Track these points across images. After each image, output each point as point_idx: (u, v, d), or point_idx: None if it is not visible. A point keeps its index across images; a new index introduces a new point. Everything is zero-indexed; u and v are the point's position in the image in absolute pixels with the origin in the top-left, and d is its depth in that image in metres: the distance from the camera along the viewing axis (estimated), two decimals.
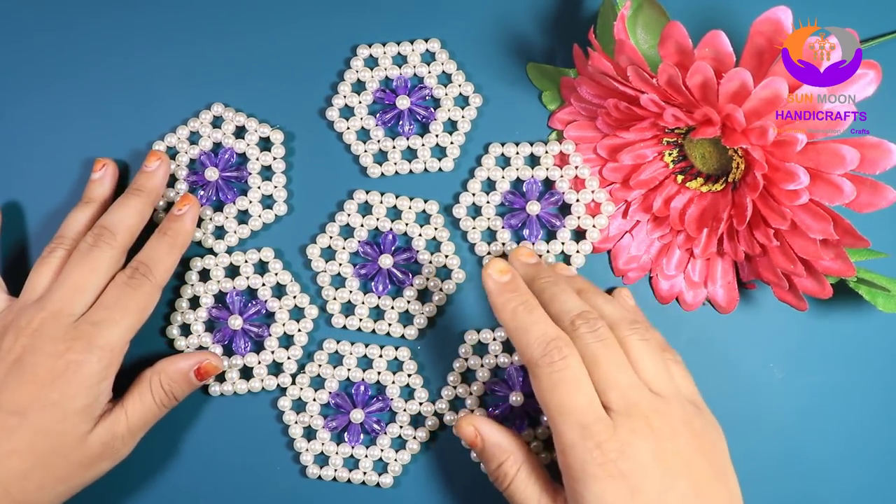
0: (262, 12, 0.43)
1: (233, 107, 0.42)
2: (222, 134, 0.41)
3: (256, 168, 0.41)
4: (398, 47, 0.42)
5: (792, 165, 0.33)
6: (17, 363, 0.35)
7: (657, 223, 0.40)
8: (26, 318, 0.36)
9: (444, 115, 0.41)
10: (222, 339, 0.40)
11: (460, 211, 0.41)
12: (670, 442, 0.32)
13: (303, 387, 0.40)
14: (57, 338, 0.35)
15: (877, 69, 0.33)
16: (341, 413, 0.40)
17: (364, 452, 0.40)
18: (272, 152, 0.41)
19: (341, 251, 0.41)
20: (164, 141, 0.41)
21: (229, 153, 0.41)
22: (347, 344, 0.40)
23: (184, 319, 0.40)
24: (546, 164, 0.41)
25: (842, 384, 0.41)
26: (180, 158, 0.41)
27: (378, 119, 0.41)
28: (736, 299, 0.40)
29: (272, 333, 0.40)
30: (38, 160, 0.42)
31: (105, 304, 0.37)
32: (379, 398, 0.40)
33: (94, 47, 0.42)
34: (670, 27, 0.33)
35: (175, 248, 0.39)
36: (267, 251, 0.41)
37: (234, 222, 0.41)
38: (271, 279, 0.41)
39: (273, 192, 0.41)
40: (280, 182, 0.41)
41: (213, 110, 0.41)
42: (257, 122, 0.41)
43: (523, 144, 0.41)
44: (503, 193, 0.41)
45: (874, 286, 0.37)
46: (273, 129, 0.41)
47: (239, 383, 0.40)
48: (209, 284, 0.41)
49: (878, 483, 0.40)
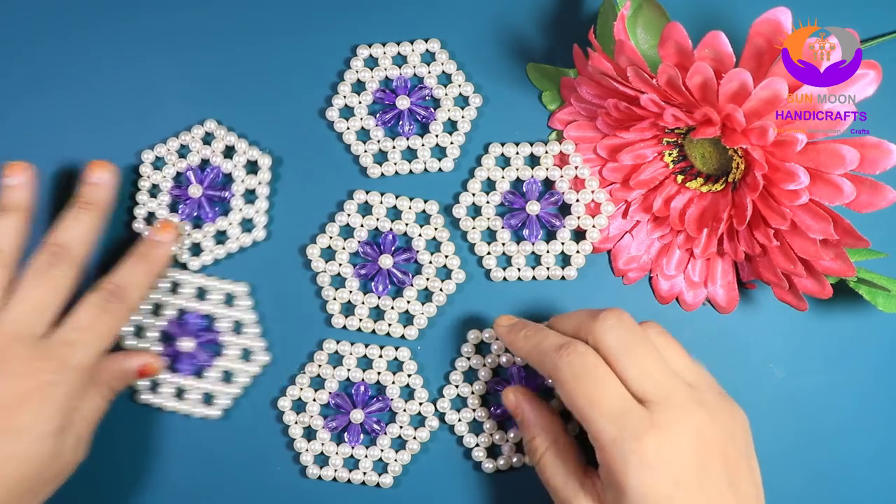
0: (263, 13, 0.43)
1: (233, 107, 0.42)
2: (211, 151, 0.41)
3: (241, 190, 0.41)
4: (398, 47, 0.42)
5: (792, 165, 0.33)
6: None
7: (657, 223, 0.40)
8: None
9: (444, 116, 0.41)
10: (168, 354, 0.40)
11: (460, 211, 0.41)
12: (707, 431, 0.32)
13: (303, 387, 0.40)
14: (24, 358, 0.34)
15: (877, 69, 0.33)
16: (341, 413, 0.40)
17: (364, 452, 0.40)
18: (258, 176, 0.41)
19: (341, 251, 0.41)
20: (154, 151, 0.41)
21: (215, 172, 0.41)
22: (347, 344, 0.40)
23: (141, 323, 0.40)
24: (546, 164, 0.41)
25: (842, 384, 0.41)
26: (167, 171, 0.41)
27: (378, 119, 0.41)
28: (736, 299, 0.40)
29: (216, 364, 0.40)
30: None
31: (79, 325, 0.36)
32: (379, 398, 0.40)
33: (94, 55, 0.42)
34: (670, 28, 0.33)
35: (152, 276, 0.39)
36: (243, 285, 0.41)
37: (212, 241, 0.41)
38: (235, 314, 0.41)
39: (254, 217, 0.41)
40: (262, 207, 0.41)
41: (206, 126, 0.41)
42: (247, 143, 0.41)
43: (523, 144, 0.41)
44: (503, 193, 0.41)
45: (874, 286, 0.37)
46: (262, 153, 0.41)
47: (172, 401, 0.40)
48: (176, 299, 0.41)
49: (879, 483, 0.40)
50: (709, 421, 0.32)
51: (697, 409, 0.32)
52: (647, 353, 0.33)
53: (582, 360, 0.33)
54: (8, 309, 0.35)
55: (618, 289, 0.41)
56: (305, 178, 0.42)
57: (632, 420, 0.31)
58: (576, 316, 0.35)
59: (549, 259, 0.41)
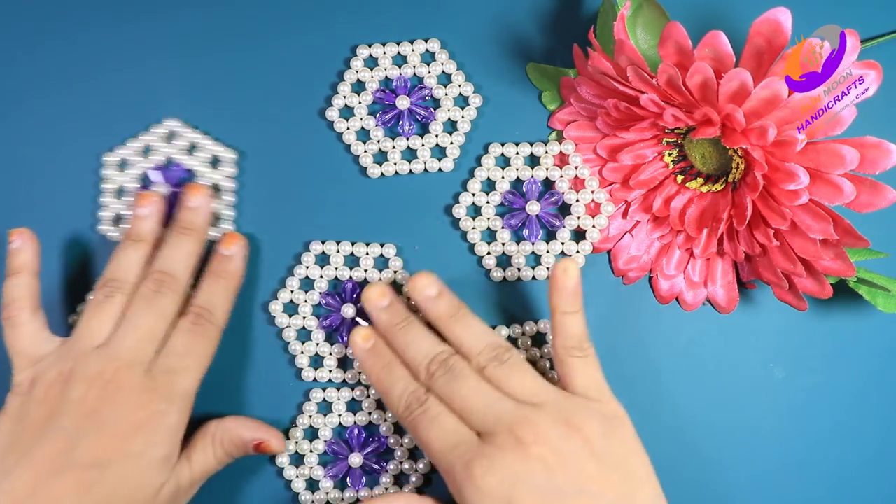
0: (263, 12, 0.43)
1: (235, 106, 0.42)
2: (176, 149, 0.41)
3: None
4: (398, 47, 0.42)
5: (792, 165, 0.33)
6: (93, 415, 0.34)
7: (657, 223, 0.40)
8: (95, 367, 0.35)
9: (443, 116, 0.41)
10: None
11: (460, 211, 0.41)
12: (542, 446, 0.33)
13: (297, 440, 0.40)
14: (135, 388, 0.35)
15: (877, 69, 0.33)
16: (340, 459, 0.40)
17: (369, 493, 0.40)
18: (220, 171, 0.41)
19: (303, 304, 0.41)
20: (118, 153, 0.41)
21: (179, 169, 0.41)
22: (334, 391, 0.40)
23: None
24: (546, 164, 0.41)
25: (842, 384, 0.41)
26: (131, 171, 0.41)
27: (378, 119, 0.41)
28: (736, 299, 0.40)
29: None
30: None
31: (176, 351, 0.36)
32: (373, 439, 0.40)
33: (96, 54, 0.42)
34: (670, 27, 0.33)
35: (231, 291, 0.39)
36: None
37: None
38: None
39: (221, 212, 0.41)
40: (228, 201, 0.41)
41: (167, 125, 0.41)
42: (212, 140, 0.41)
43: (523, 144, 0.41)
44: (503, 193, 0.41)
45: (874, 286, 0.37)
46: (226, 148, 0.41)
47: None
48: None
49: (879, 483, 0.40)
50: (541, 437, 0.33)
51: (526, 429, 0.33)
52: (469, 390, 0.34)
53: (421, 417, 0.35)
54: (121, 337, 0.36)
55: (618, 289, 0.41)
56: (305, 176, 0.42)
57: (461, 450, 0.33)
58: (419, 352, 0.36)
59: (550, 259, 0.41)
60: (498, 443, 0.33)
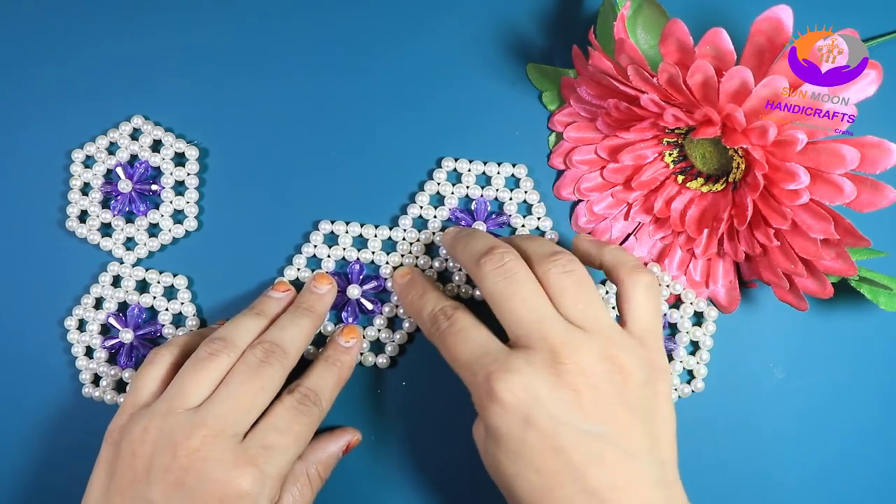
0: (263, 12, 0.43)
1: (232, 106, 0.42)
2: (139, 146, 0.41)
3: (170, 182, 0.41)
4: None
5: (792, 165, 0.33)
6: (179, 487, 0.32)
7: (659, 224, 0.40)
8: (183, 432, 0.32)
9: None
10: (111, 348, 0.41)
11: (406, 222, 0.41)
12: (578, 376, 0.31)
13: None
14: (225, 461, 0.32)
15: (877, 69, 0.33)
16: None
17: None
18: (186, 168, 0.41)
19: None
20: (84, 150, 0.41)
21: (144, 166, 0.41)
22: None
23: (83, 316, 0.41)
24: (497, 185, 0.41)
25: (843, 384, 0.41)
26: (97, 168, 0.41)
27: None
28: (737, 299, 0.40)
29: None
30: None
31: (277, 426, 0.34)
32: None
33: (91, 29, 0.42)
34: (671, 25, 0.33)
35: (341, 381, 0.38)
36: (181, 279, 0.41)
37: (146, 235, 0.41)
38: (175, 306, 0.41)
39: (185, 208, 0.41)
40: (192, 198, 0.41)
41: (133, 122, 0.41)
42: (174, 136, 0.41)
43: (476, 162, 0.41)
44: (451, 210, 0.41)
45: (876, 285, 0.37)
46: (189, 144, 0.41)
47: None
48: (117, 291, 0.41)
49: (880, 483, 0.40)
50: (580, 368, 0.31)
51: (568, 354, 0.31)
52: (522, 299, 0.32)
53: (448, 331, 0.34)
54: (215, 402, 0.33)
55: None
56: (302, 178, 0.42)
57: (484, 361, 0.32)
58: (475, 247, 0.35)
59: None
60: (533, 359, 0.31)
